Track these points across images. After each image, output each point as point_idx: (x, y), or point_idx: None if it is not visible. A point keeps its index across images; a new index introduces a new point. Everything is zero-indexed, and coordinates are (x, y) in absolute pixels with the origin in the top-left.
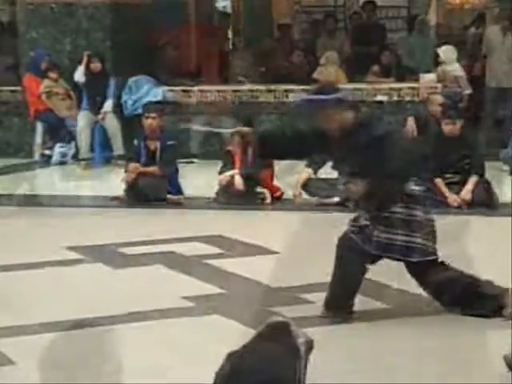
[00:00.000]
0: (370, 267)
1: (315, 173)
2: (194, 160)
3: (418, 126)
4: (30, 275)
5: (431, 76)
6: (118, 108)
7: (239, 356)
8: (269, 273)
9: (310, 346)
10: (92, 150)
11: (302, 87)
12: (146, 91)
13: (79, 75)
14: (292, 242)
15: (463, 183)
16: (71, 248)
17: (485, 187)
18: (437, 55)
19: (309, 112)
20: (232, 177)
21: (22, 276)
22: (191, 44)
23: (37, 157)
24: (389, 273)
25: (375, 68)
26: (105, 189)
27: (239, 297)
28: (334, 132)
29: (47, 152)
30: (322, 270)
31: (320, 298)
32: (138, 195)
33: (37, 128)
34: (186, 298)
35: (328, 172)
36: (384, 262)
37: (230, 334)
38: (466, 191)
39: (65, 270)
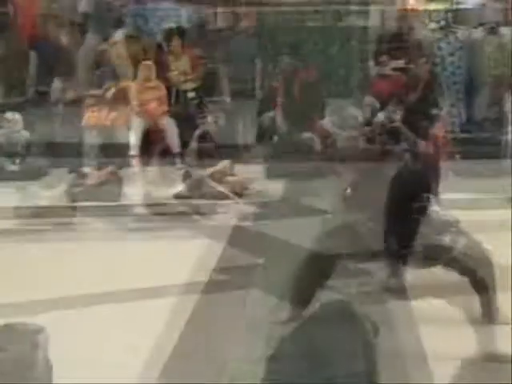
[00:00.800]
0: None
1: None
2: (227, 99)
3: None
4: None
5: None
6: (133, 35)
7: (298, 343)
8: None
9: (375, 329)
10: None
11: (357, 8)
12: (166, 12)
13: (85, 4)
14: (348, 200)
15: None
16: (76, 208)
17: None
18: None
19: None
20: (273, 118)
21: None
22: None
23: (31, 94)
24: None
25: None
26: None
27: (283, 267)
28: None
29: (43, 89)
30: None
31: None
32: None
33: (30, 59)
34: (217, 270)
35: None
36: None
37: (272, 314)
38: None
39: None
